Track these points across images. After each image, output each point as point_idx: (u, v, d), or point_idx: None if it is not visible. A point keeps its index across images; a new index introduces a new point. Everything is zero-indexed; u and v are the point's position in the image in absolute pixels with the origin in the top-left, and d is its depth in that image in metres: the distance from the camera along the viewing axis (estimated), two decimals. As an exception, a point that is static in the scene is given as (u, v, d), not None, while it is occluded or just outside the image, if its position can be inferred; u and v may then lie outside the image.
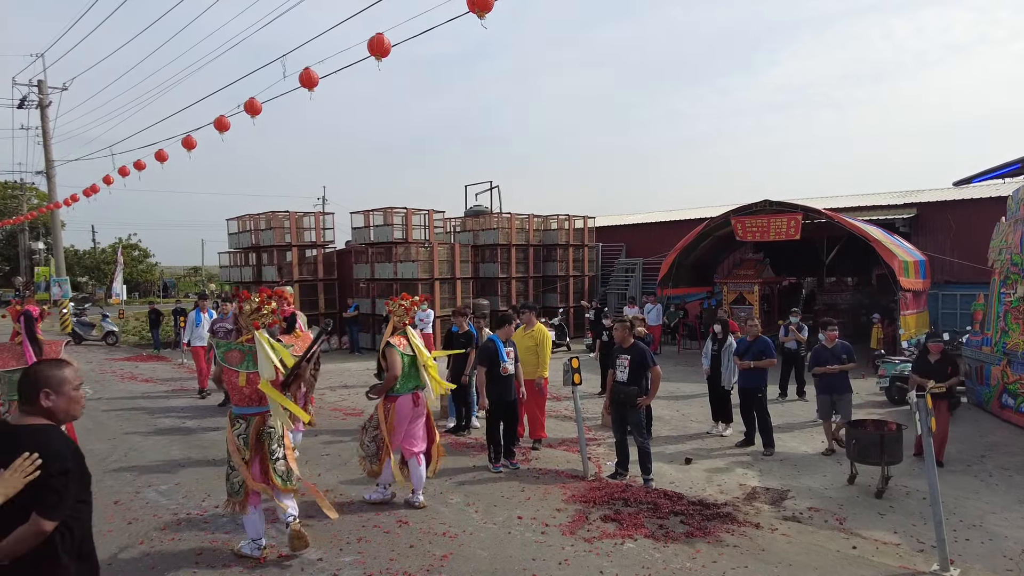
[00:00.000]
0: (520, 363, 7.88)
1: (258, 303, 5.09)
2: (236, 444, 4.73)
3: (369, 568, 4.53)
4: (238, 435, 4.74)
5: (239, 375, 4.80)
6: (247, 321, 5.09)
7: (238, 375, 4.80)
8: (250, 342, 4.89)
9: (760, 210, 15.60)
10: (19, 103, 23.86)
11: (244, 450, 4.72)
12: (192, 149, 12.99)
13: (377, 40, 7.95)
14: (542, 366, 8.15)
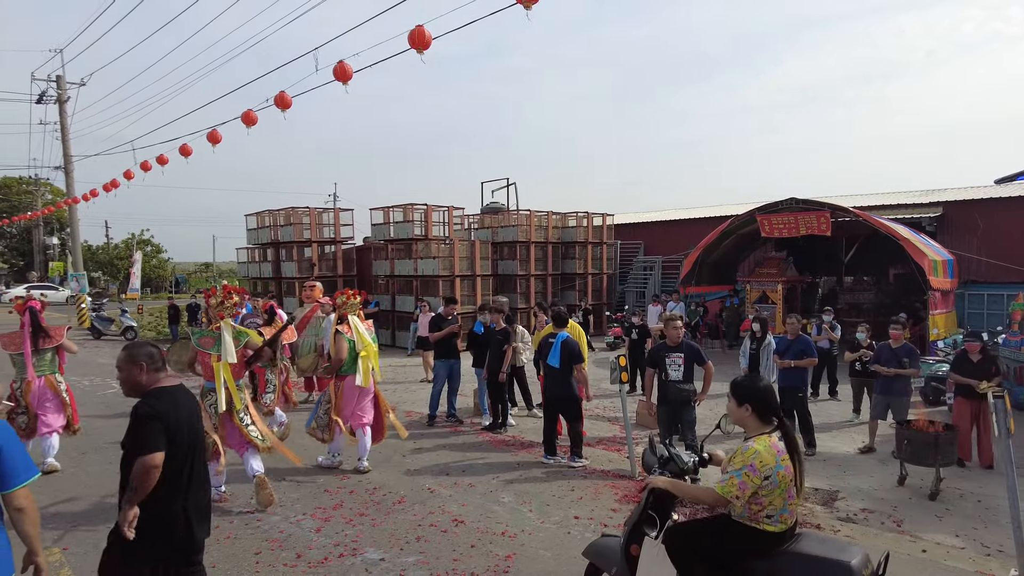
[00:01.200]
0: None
1: (222, 297, 6.12)
2: (208, 413, 5.59)
3: (434, 568, 4.45)
4: (209, 405, 5.68)
5: (211, 356, 5.72)
6: (214, 312, 6.10)
7: (210, 356, 5.72)
8: (218, 330, 5.83)
9: (786, 208, 15.47)
10: (38, 98, 23.86)
11: (214, 417, 5.67)
12: (217, 144, 12.95)
13: (418, 32, 7.86)
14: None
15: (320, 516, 5.40)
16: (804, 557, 2.95)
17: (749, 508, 3.03)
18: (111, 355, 16.67)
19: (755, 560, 3.01)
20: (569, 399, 6.85)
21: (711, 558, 3.13)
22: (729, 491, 2.98)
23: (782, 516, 3.03)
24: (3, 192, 44.45)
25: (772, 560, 2.98)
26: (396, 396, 11.02)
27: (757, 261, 18.48)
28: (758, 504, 3.01)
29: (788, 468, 3.03)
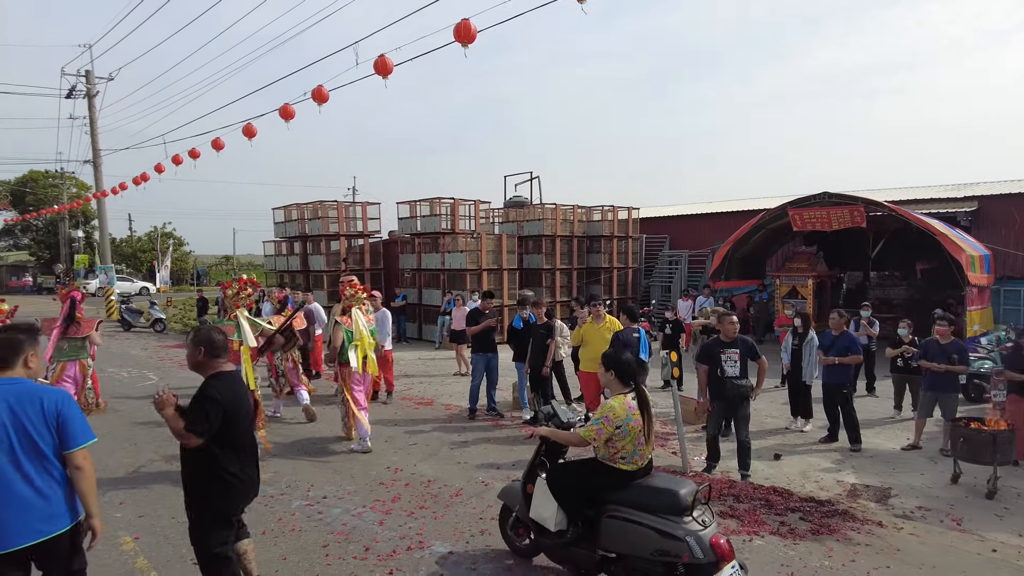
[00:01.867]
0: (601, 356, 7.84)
1: (237, 289, 7.05)
2: None
3: (504, 563, 4.47)
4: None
5: (232, 342, 6.29)
6: (230, 303, 7.02)
7: (232, 342, 6.27)
8: (234, 318, 6.72)
9: (818, 202, 15.31)
10: (67, 93, 24.12)
11: None
12: (253, 137, 13.03)
13: (464, 26, 7.85)
14: None
15: (380, 509, 5.44)
16: (647, 487, 3.93)
17: (608, 451, 3.97)
18: (142, 347, 16.91)
19: (612, 491, 3.97)
20: None
21: (581, 490, 4.11)
22: (589, 435, 3.95)
23: (633, 458, 3.98)
24: (30, 186, 45.05)
25: (625, 491, 3.93)
26: (431, 389, 11.06)
27: (786, 256, 18.31)
28: (613, 448, 3.96)
29: (637, 421, 3.93)
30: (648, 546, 3.71)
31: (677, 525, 3.68)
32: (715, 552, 3.57)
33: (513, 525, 4.61)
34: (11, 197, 45.93)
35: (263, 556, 4.52)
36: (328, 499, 5.68)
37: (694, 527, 3.68)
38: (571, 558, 4.13)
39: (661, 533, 3.67)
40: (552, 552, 4.28)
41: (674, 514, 3.73)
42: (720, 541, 3.63)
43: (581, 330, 8.08)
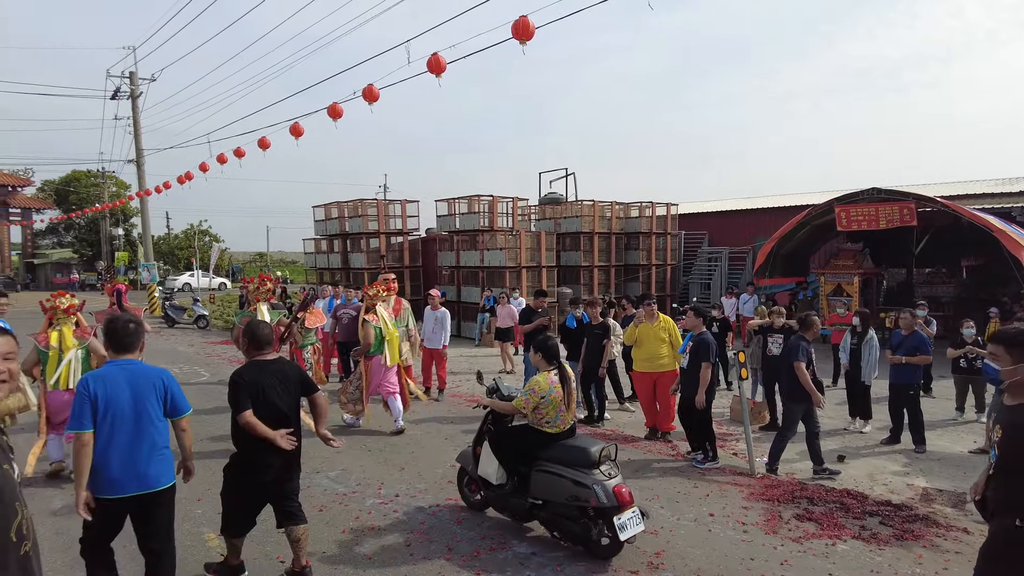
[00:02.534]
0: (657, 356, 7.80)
1: (258, 284, 8.13)
2: None
3: (587, 563, 4.46)
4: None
5: None
6: (252, 296, 8.07)
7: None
8: (255, 311, 7.71)
9: (866, 198, 15.01)
10: (112, 94, 24.66)
11: None
12: (299, 137, 13.18)
13: (522, 23, 7.83)
14: (677, 357, 7.98)
15: (453, 508, 5.46)
16: (566, 446, 4.79)
17: (535, 417, 4.84)
18: (188, 343, 17.23)
19: (540, 450, 4.84)
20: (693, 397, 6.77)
21: (516, 450, 4.97)
22: (519, 404, 4.86)
23: (556, 423, 4.86)
24: (73, 185, 46.22)
25: (550, 449, 4.80)
26: (478, 388, 11.03)
27: (831, 252, 17.98)
28: (540, 414, 4.83)
29: (559, 393, 4.82)
30: (565, 493, 4.53)
31: (587, 476, 4.49)
32: (617, 499, 4.37)
33: (467, 483, 5.47)
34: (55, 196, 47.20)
35: (347, 556, 4.57)
36: (400, 498, 5.72)
37: (601, 478, 4.49)
38: (509, 506, 4.96)
39: (574, 482, 4.49)
40: (496, 503, 5.10)
41: (586, 467, 4.55)
42: (622, 490, 4.42)
43: (636, 330, 8.01)
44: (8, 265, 43.20)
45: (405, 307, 10.30)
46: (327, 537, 4.89)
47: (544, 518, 4.74)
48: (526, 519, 4.93)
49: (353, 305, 10.97)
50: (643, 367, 7.95)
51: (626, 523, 4.35)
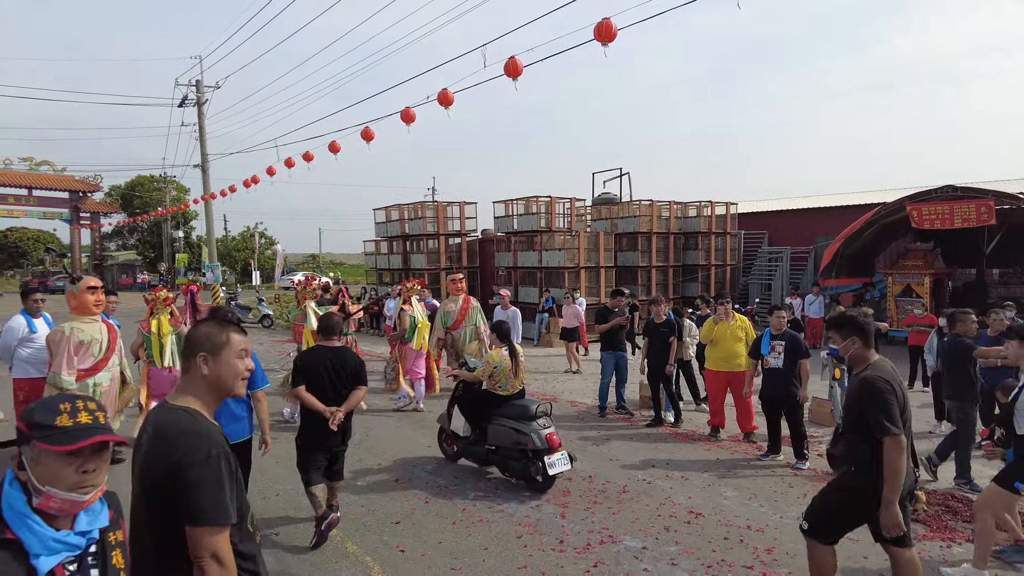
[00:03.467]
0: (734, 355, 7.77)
1: (305, 284, 9.34)
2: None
3: (701, 558, 4.52)
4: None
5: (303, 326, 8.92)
6: (300, 295, 9.25)
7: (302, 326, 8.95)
8: (304, 308, 8.99)
9: (940, 196, 14.56)
10: (180, 102, 25.58)
11: None
12: (371, 140, 13.49)
13: (605, 25, 7.89)
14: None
15: (555, 502, 5.58)
16: (514, 405, 6.06)
17: (491, 383, 6.17)
18: (257, 342, 17.79)
19: (495, 408, 6.13)
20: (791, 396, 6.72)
21: (478, 408, 6.29)
22: (479, 373, 6.25)
23: (506, 387, 6.16)
24: (137, 190, 48.18)
25: (502, 408, 6.08)
26: (548, 387, 11.18)
27: (899, 252, 17.49)
28: (494, 381, 6.16)
29: (508, 364, 6.15)
30: (511, 439, 5.81)
31: (527, 426, 5.75)
32: (549, 443, 5.65)
33: (444, 439, 6.83)
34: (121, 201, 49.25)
35: (462, 547, 4.72)
36: (500, 491, 5.86)
37: (537, 428, 5.74)
38: (473, 454, 6.32)
39: (517, 431, 5.77)
40: (464, 452, 6.49)
41: (527, 420, 5.81)
42: (553, 437, 5.72)
43: (713, 329, 7.99)
44: (79, 267, 45.25)
45: (474, 305, 10.48)
46: (438, 527, 5.06)
47: (497, 461, 6.06)
48: (485, 463, 6.27)
49: (427, 305, 11.22)
50: (718, 366, 7.93)
51: (555, 462, 5.63)
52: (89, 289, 6.38)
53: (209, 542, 1.90)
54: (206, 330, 2.18)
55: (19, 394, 6.89)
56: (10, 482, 1.64)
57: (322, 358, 4.83)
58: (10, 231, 53.88)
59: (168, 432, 1.96)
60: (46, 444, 1.61)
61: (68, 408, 1.66)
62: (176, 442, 1.93)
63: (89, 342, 6.21)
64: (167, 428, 1.98)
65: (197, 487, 1.89)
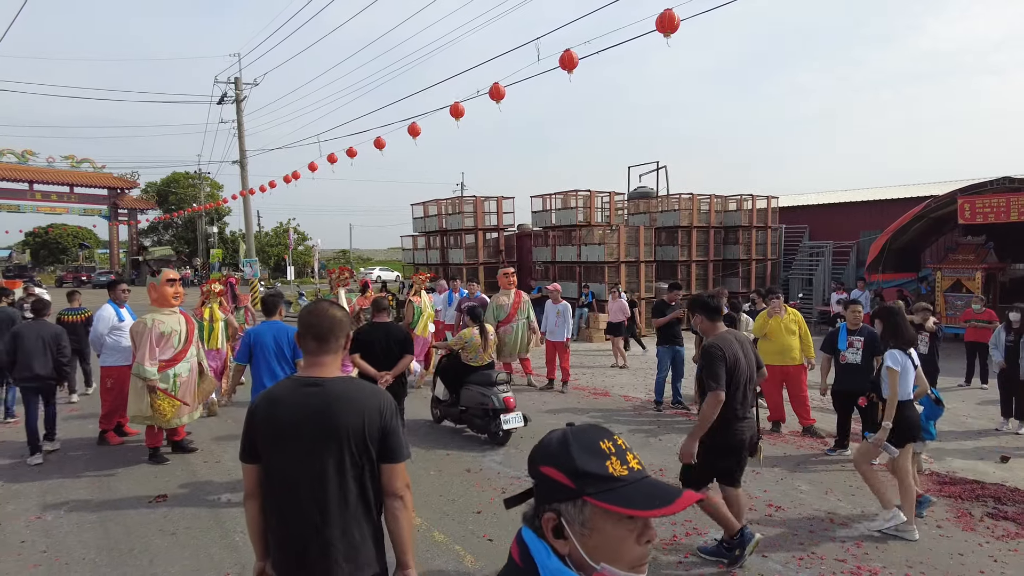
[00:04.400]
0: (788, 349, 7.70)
1: (339, 273, 10.36)
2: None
3: (791, 549, 4.50)
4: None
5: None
6: (334, 283, 10.27)
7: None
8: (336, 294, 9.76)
9: (995, 188, 14.25)
10: (219, 99, 26.04)
11: None
12: (417, 136, 13.60)
13: (668, 16, 7.86)
14: (807, 349, 7.88)
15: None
16: (480, 374, 7.24)
17: (464, 355, 7.40)
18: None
19: (466, 376, 7.36)
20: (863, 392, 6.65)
21: (452, 374, 7.56)
22: (452, 343, 7.65)
23: (475, 360, 7.39)
24: (172, 186, 49.11)
25: (472, 376, 7.29)
26: (597, 380, 11.19)
27: (948, 246, 17.15)
28: (466, 353, 7.39)
29: (478, 340, 7.35)
30: (477, 401, 7.08)
31: (489, 390, 6.97)
32: (505, 404, 6.85)
33: (432, 404, 8.11)
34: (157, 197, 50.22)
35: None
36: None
37: (497, 392, 6.95)
38: (451, 414, 7.60)
39: (482, 394, 7.01)
40: (444, 414, 7.81)
41: (489, 386, 7.03)
42: (509, 399, 6.93)
43: (766, 323, 7.94)
44: (117, 262, 46.29)
45: (525, 300, 10.53)
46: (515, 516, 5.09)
47: (467, 419, 7.33)
48: (459, 422, 7.49)
49: (477, 299, 11.30)
50: (772, 360, 7.84)
51: (510, 419, 6.82)
52: (168, 281, 6.57)
53: (404, 474, 2.28)
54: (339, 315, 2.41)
55: (107, 381, 7.16)
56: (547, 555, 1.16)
57: (376, 332, 6.01)
58: (51, 227, 55.35)
59: (355, 396, 2.24)
60: (608, 503, 1.11)
61: (611, 448, 1.18)
62: (369, 401, 2.24)
63: (169, 333, 6.38)
64: (351, 393, 2.25)
65: (394, 432, 2.25)
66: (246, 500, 2.33)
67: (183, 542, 4.75)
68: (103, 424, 7.27)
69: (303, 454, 2.19)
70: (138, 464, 6.57)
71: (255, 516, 2.31)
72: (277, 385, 2.35)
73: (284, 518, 2.21)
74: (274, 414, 2.23)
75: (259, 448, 2.26)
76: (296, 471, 2.19)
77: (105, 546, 4.71)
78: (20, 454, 6.96)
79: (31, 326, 6.89)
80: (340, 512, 2.19)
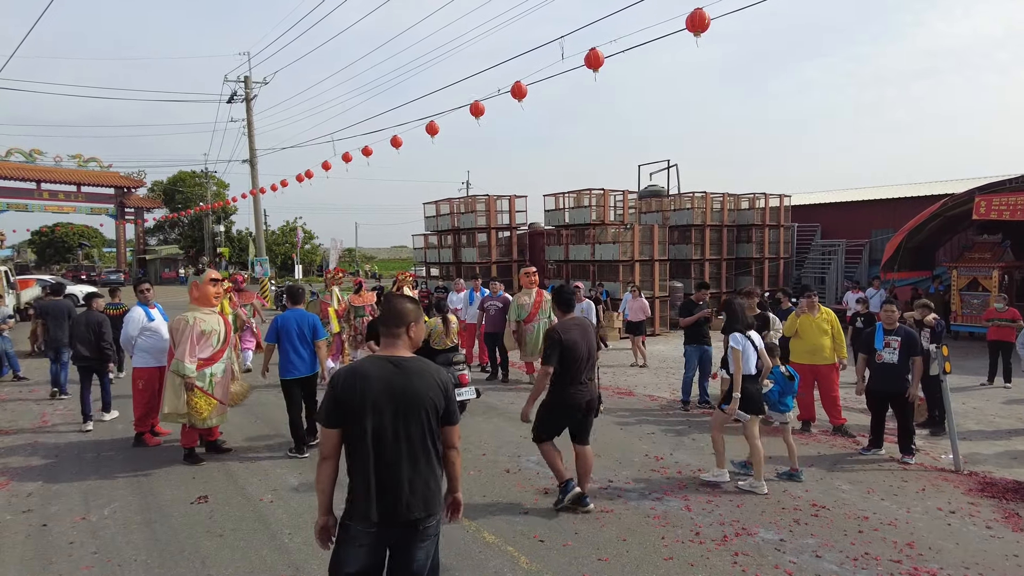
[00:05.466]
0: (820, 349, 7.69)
1: (333, 273, 11.47)
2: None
3: (843, 550, 4.51)
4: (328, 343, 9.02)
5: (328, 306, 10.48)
6: (328, 281, 11.30)
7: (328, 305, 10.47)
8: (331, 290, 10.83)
9: (1016, 187, 14.20)
10: (228, 98, 26.03)
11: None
12: (435, 135, 13.59)
13: (698, 16, 7.84)
14: (839, 348, 7.87)
15: (676, 495, 5.60)
16: (443, 356, 7.72)
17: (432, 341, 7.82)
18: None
19: (431, 357, 6.90)
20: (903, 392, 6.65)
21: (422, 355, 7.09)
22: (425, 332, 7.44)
23: (439, 344, 7.88)
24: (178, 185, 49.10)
25: (437, 356, 7.57)
26: (619, 380, 11.17)
27: (964, 244, 17.11)
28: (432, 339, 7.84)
29: (441, 328, 7.85)
30: None
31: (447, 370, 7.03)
32: (459, 380, 7.55)
33: None
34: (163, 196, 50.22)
35: (599, 538, 4.75)
36: (615, 484, 5.89)
37: (453, 370, 7.54)
38: None
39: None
40: None
41: (448, 365, 7.51)
42: (463, 376, 7.67)
43: (796, 321, 7.93)
44: (124, 261, 46.33)
45: (547, 299, 10.52)
46: (566, 518, 5.10)
47: None
48: None
49: (499, 298, 11.29)
50: (803, 359, 7.87)
51: (463, 392, 7.55)
52: (212, 281, 6.59)
53: (458, 434, 2.90)
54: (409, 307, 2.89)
55: (138, 382, 7.15)
56: None
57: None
58: (58, 226, 55.41)
59: (428, 370, 2.80)
60: None
61: None
62: (437, 377, 2.80)
63: (210, 332, 6.39)
64: (425, 372, 2.79)
65: (451, 401, 2.82)
66: (323, 462, 2.75)
67: (231, 543, 4.75)
68: (138, 426, 7.27)
69: (395, 419, 2.70)
70: (174, 465, 6.58)
71: (329, 476, 2.75)
72: (362, 362, 2.82)
73: (376, 471, 2.68)
74: (365, 386, 2.68)
75: (347, 415, 2.69)
76: (389, 433, 2.69)
77: (155, 548, 4.71)
78: (54, 454, 7.01)
79: (81, 315, 8.51)
80: (423, 464, 2.74)
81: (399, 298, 2.95)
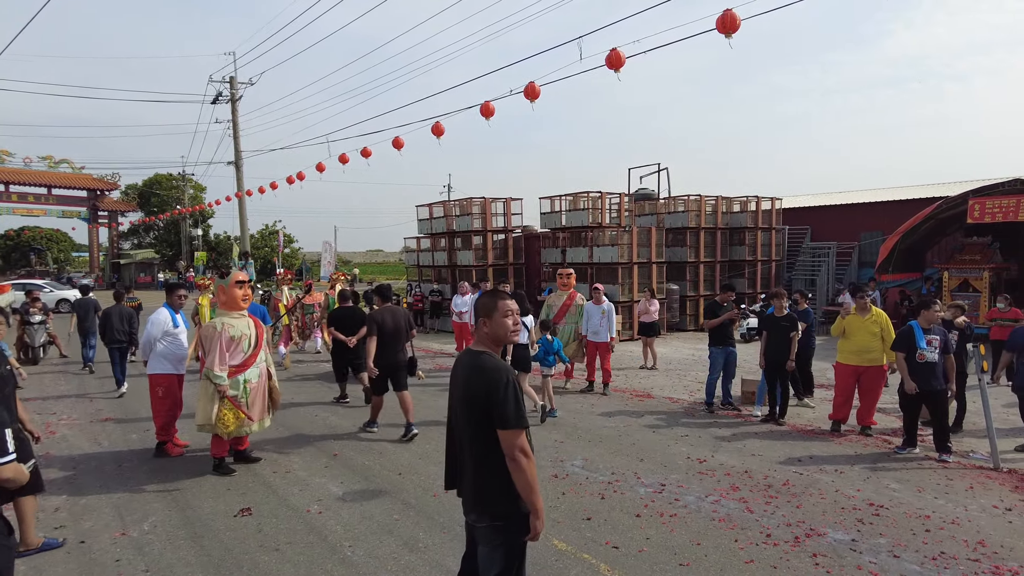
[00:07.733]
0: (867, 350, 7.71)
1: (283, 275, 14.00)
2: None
3: (916, 550, 4.48)
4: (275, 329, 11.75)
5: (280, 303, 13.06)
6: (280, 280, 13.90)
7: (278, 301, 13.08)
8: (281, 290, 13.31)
9: (1006, 190, 14.55)
10: (213, 99, 25.49)
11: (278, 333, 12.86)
12: (441, 136, 13.44)
13: (729, 17, 7.84)
14: (888, 351, 7.89)
15: (731, 497, 5.55)
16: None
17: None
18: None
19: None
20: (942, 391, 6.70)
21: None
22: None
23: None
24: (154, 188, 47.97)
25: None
26: (634, 382, 11.14)
27: (955, 246, 17.47)
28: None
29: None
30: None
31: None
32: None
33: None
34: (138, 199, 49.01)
35: (672, 542, 4.67)
36: (668, 487, 5.82)
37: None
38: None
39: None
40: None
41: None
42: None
43: (843, 321, 7.93)
44: (96, 265, 45.09)
45: (577, 304, 10.41)
46: (629, 523, 5.01)
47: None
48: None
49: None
50: (850, 359, 7.84)
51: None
52: (237, 283, 6.34)
53: (515, 441, 2.64)
54: (484, 300, 2.93)
55: (157, 389, 6.89)
56: None
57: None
58: (26, 230, 53.73)
59: (484, 367, 2.75)
60: None
61: None
62: (491, 374, 2.71)
63: (239, 337, 6.16)
64: (479, 367, 2.76)
65: (500, 403, 2.66)
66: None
67: (291, 558, 4.55)
68: (160, 436, 6.99)
69: (455, 409, 2.90)
70: (203, 475, 6.33)
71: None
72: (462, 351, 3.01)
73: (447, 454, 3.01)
74: (452, 375, 2.95)
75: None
76: (454, 420, 2.91)
77: (209, 563, 4.50)
78: (71, 466, 6.71)
79: (113, 308, 10.76)
80: (470, 457, 2.78)
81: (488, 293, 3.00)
